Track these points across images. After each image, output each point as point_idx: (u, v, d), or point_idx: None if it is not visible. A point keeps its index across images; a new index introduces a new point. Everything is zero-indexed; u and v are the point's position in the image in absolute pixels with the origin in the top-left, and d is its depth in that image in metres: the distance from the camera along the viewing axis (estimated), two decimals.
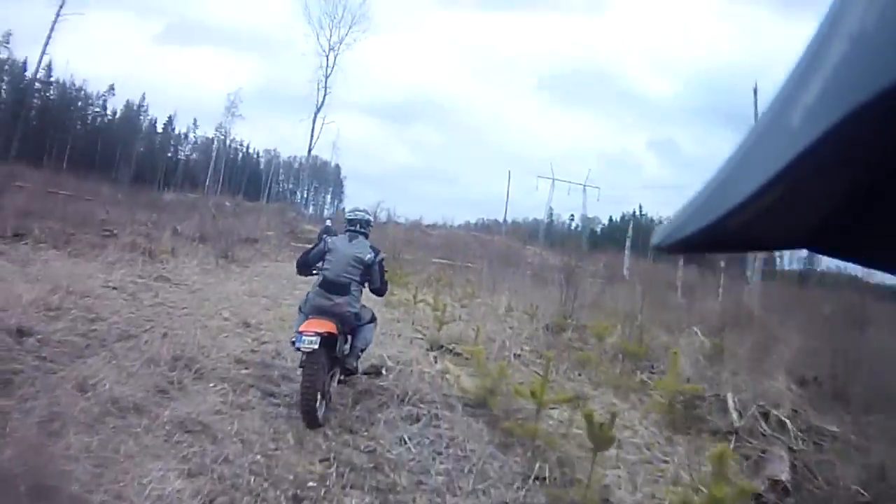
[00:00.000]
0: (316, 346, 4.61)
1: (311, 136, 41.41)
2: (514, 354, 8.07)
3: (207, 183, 49.24)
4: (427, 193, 74.25)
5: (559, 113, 79.76)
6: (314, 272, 5.38)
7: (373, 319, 5.59)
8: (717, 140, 57.88)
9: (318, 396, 4.71)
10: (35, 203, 15.19)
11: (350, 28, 42.55)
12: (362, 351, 5.50)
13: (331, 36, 43.05)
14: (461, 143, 77.03)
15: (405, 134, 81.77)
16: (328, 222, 19.50)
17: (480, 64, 79.23)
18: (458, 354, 7.64)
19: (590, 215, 52.27)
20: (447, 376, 6.62)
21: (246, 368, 6.29)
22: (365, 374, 6.08)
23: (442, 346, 8.04)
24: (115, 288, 9.01)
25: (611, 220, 55.23)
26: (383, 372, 6.43)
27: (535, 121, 76.99)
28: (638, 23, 79.01)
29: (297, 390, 4.96)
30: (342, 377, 5.44)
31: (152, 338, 6.80)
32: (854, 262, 0.37)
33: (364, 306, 5.45)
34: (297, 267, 5.60)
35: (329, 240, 5.46)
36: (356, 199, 58.68)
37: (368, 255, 5.25)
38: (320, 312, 4.98)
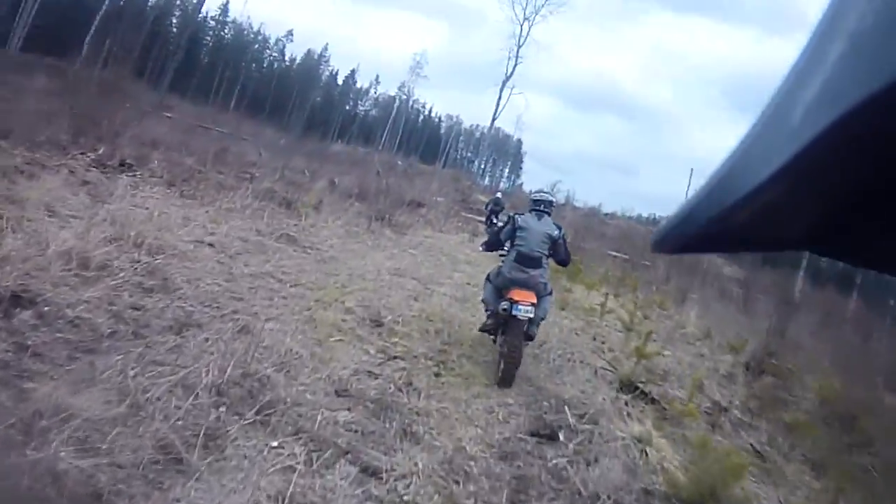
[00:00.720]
0: (531, 315, 5.09)
1: (497, 105, 38.89)
2: (721, 408, 6.08)
3: (383, 140, 49.48)
4: (604, 181, 74.84)
5: (739, 123, 71.67)
6: (505, 249, 5.76)
7: (551, 292, 5.80)
8: None
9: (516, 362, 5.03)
10: (172, 135, 13.47)
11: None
12: (542, 319, 5.60)
13: (527, 5, 40.28)
14: (641, 137, 77.71)
15: (587, 119, 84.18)
16: (498, 194, 18.87)
17: (667, 65, 79.64)
18: (654, 401, 5.61)
19: None
20: (649, 450, 4.36)
21: (348, 409, 3.81)
22: (534, 435, 4.20)
23: (636, 388, 5.71)
24: (211, 245, 6.51)
25: None
26: (560, 437, 4.25)
27: (714, 128, 78.00)
28: None
29: (496, 358, 5.22)
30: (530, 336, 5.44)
31: (219, 333, 4.25)
32: (854, 262, 0.37)
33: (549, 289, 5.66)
34: (488, 244, 6.10)
35: (519, 219, 5.61)
36: (533, 176, 57.51)
37: (556, 232, 5.51)
38: (519, 284, 5.26)
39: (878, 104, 0.24)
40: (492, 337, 5.62)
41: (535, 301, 5.12)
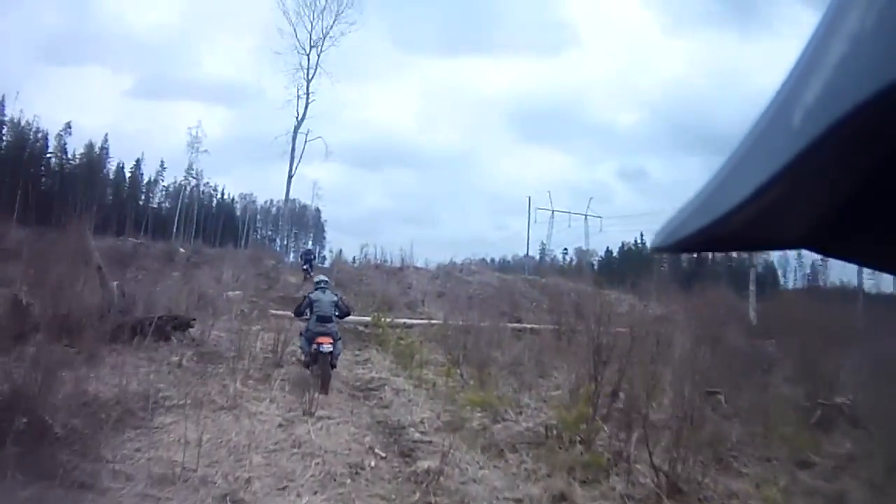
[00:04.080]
0: (332, 350, 8.12)
1: (292, 156, 34.00)
2: None
3: (175, 229, 45.22)
4: (403, 236, 76.02)
5: (526, 150, 76.98)
6: (306, 316, 8.67)
7: (340, 339, 8.83)
8: (686, 165, 57.63)
9: (330, 375, 8.12)
10: None
11: (335, 19, 34.59)
12: (339, 354, 8.66)
13: (312, 29, 34.82)
14: (435, 183, 76.25)
15: (378, 178, 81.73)
16: (309, 245, 22.56)
17: (448, 108, 77.99)
18: None
19: (584, 248, 47.49)
20: None
21: None
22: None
23: None
24: None
25: (609, 252, 51.32)
26: None
27: (503, 159, 78.27)
28: (596, 59, 77.74)
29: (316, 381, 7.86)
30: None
31: None
32: (852, 262, 0.38)
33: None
34: (296, 313, 9.14)
35: (312, 295, 8.80)
36: (337, 244, 55.90)
37: (336, 298, 8.85)
38: (321, 335, 8.14)
39: (878, 105, 0.24)
40: (308, 370, 8.36)
41: (332, 342, 8.15)
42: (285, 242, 53.94)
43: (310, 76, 34.49)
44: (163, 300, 12.11)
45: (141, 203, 55.82)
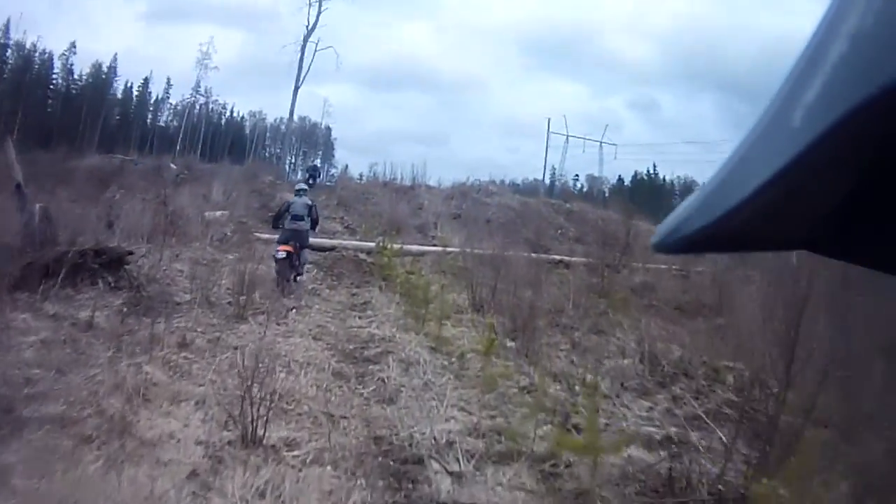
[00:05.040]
0: (285, 256, 8.39)
1: (300, 67, 32.49)
2: None
3: (178, 148, 43.27)
4: (414, 155, 72.15)
5: (539, 78, 78.44)
6: (282, 224, 8.91)
7: (310, 246, 9.30)
8: (700, 101, 58.07)
9: (286, 282, 8.46)
10: None
11: None
12: (306, 263, 9.25)
13: None
14: (448, 107, 77.62)
15: (391, 99, 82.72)
16: (316, 162, 23.23)
17: (460, 32, 78.61)
18: None
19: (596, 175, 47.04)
20: None
21: None
22: None
23: None
24: None
25: (621, 180, 50.73)
26: None
27: (515, 87, 78.05)
28: None
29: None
30: (296, 277, 8.81)
31: None
32: (854, 262, 0.37)
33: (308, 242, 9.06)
34: (274, 219, 9.44)
35: (289, 199, 9.47)
36: (347, 163, 53.53)
37: (310, 202, 9.18)
38: (292, 236, 8.65)
39: (879, 104, 0.24)
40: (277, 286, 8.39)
41: (290, 250, 8.47)
42: (292, 160, 52.48)
43: None
44: (121, 226, 10.06)
45: (148, 122, 54.81)
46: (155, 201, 12.51)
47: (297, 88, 32.20)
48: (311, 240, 9.47)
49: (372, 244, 11.62)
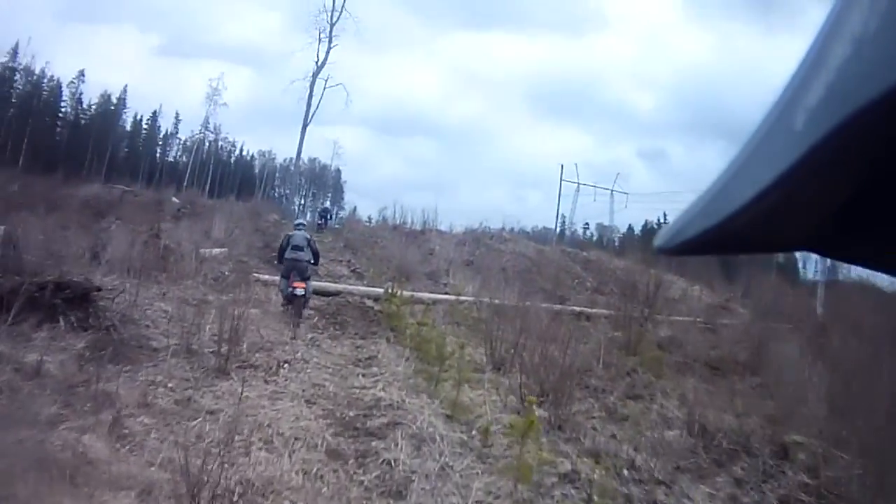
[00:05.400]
0: (303, 293, 8.77)
1: (309, 103, 30.95)
2: None
3: (185, 184, 42.56)
4: (421, 202, 71.14)
5: (546, 127, 79.04)
6: (286, 256, 9.22)
7: (311, 276, 9.30)
8: (707, 150, 58.16)
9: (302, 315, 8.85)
10: None
11: None
12: (312, 293, 9.30)
13: None
14: (454, 154, 77.16)
15: (398, 145, 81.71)
16: (327, 204, 22.33)
17: (467, 80, 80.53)
18: None
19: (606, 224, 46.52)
20: None
21: None
22: None
23: None
24: None
25: (630, 229, 49.22)
26: None
27: (522, 135, 78.38)
28: (619, 42, 79.91)
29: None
30: (306, 308, 9.12)
31: None
32: (856, 263, 0.37)
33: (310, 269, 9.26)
34: (278, 257, 9.62)
35: (289, 234, 9.62)
36: (356, 205, 56.18)
37: (308, 236, 9.52)
38: (293, 266, 8.98)
39: (881, 107, 0.24)
40: (287, 306, 8.80)
41: (304, 286, 8.81)
42: (301, 202, 52.13)
43: (333, 19, 31.59)
44: (107, 258, 9.19)
45: (157, 156, 54.91)
46: (148, 234, 11.72)
47: (305, 126, 31.53)
48: (315, 283, 9.57)
49: (380, 290, 10.70)
